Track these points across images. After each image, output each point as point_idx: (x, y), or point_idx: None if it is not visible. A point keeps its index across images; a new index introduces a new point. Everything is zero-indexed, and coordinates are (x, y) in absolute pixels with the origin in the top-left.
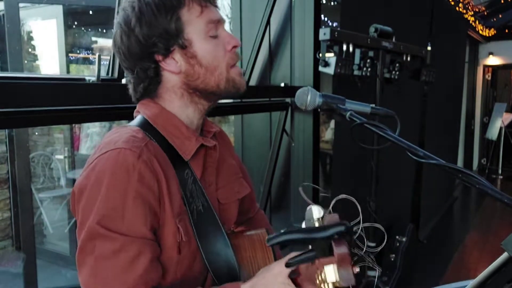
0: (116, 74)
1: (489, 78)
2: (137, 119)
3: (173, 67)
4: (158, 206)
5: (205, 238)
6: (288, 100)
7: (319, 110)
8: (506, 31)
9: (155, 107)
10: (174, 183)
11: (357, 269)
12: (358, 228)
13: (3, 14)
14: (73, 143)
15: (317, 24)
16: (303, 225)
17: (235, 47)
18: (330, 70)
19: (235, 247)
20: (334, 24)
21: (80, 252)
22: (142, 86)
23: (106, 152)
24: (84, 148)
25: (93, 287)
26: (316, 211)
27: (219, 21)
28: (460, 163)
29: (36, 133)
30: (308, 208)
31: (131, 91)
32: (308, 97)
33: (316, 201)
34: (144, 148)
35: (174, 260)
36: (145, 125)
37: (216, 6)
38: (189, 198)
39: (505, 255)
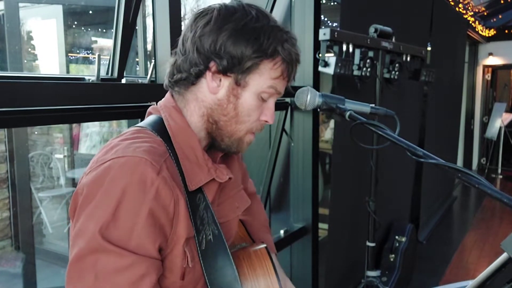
0: (116, 74)
1: (489, 78)
2: (157, 124)
3: (213, 85)
4: (170, 227)
5: (214, 271)
6: (287, 100)
7: (318, 110)
8: (506, 31)
9: (181, 119)
10: (185, 206)
11: None
12: None
13: (3, 14)
14: (72, 142)
15: (317, 24)
16: None
17: (266, 122)
18: (330, 70)
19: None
20: (334, 24)
21: (76, 263)
22: (179, 75)
23: (123, 156)
24: (84, 148)
25: None
26: None
27: (279, 94)
28: (459, 162)
29: (36, 133)
30: None
31: (167, 71)
32: (308, 97)
33: None
34: (164, 164)
35: (177, 285)
36: (166, 137)
37: (289, 82)
38: (199, 226)
39: (504, 255)
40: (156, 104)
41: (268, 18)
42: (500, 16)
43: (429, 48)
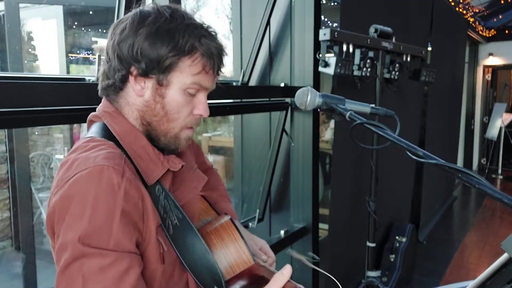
0: None
1: (489, 79)
2: (103, 130)
3: (137, 88)
4: (142, 223)
5: (186, 250)
6: (288, 100)
7: (319, 110)
8: (506, 31)
9: (123, 122)
10: (150, 200)
11: None
12: None
13: (3, 14)
14: (73, 143)
15: (317, 24)
16: None
17: (201, 115)
18: (330, 70)
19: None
20: (334, 25)
21: (63, 273)
22: (106, 82)
23: (86, 168)
24: None
25: None
26: None
27: (206, 89)
28: (460, 163)
29: (36, 133)
30: None
31: (99, 77)
32: (308, 97)
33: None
34: (125, 166)
35: (160, 270)
36: (115, 141)
37: (217, 75)
38: (163, 215)
39: (505, 255)
40: (95, 111)
41: (183, 17)
42: (500, 16)
43: (429, 48)
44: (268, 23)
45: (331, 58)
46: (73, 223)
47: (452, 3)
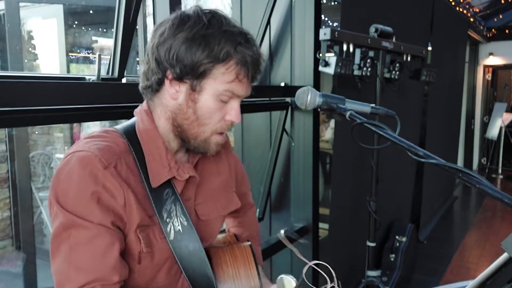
0: (116, 74)
1: (489, 78)
2: (130, 125)
3: (172, 91)
4: (124, 213)
5: (185, 256)
6: (288, 99)
7: (319, 109)
8: (506, 31)
9: (149, 122)
10: (135, 198)
11: None
12: None
13: (4, 14)
14: (73, 142)
15: (318, 24)
16: None
17: (232, 122)
18: (330, 70)
19: (218, 263)
20: (335, 24)
21: (54, 240)
22: (145, 83)
23: (81, 151)
24: None
25: (65, 274)
26: (288, 282)
27: (239, 96)
28: (460, 162)
29: (36, 132)
30: (279, 278)
31: (139, 77)
32: (308, 97)
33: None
34: (116, 162)
35: (135, 269)
36: (133, 136)
37: (251, 83)
38: (166, 219)
39: (505, 255)
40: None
41: (221, 24)
42: (500, 16)
43: (429, 48)
44: (268, 23)
45: (331, 57)
46: (63, 195)
47: (453, 3)
